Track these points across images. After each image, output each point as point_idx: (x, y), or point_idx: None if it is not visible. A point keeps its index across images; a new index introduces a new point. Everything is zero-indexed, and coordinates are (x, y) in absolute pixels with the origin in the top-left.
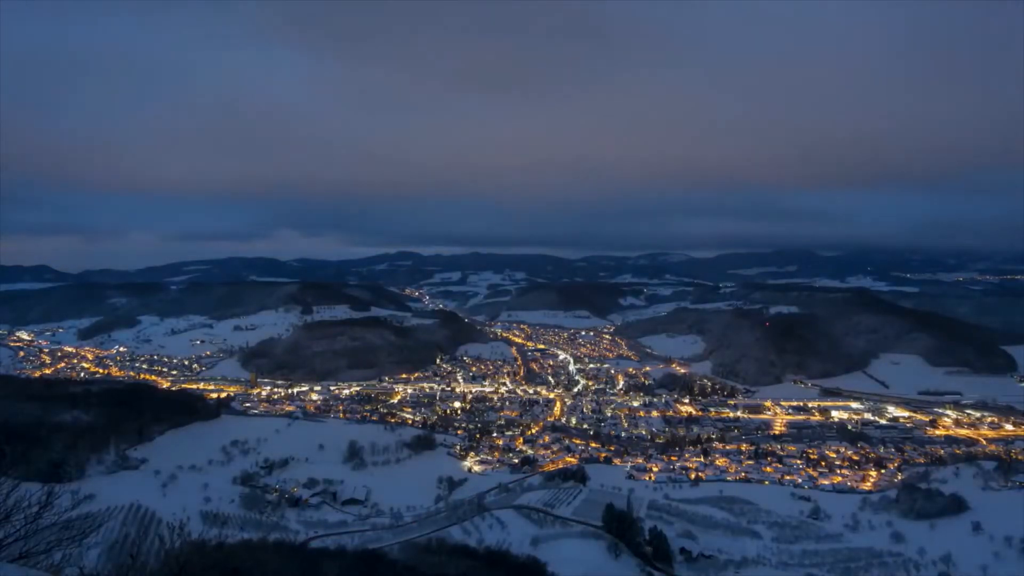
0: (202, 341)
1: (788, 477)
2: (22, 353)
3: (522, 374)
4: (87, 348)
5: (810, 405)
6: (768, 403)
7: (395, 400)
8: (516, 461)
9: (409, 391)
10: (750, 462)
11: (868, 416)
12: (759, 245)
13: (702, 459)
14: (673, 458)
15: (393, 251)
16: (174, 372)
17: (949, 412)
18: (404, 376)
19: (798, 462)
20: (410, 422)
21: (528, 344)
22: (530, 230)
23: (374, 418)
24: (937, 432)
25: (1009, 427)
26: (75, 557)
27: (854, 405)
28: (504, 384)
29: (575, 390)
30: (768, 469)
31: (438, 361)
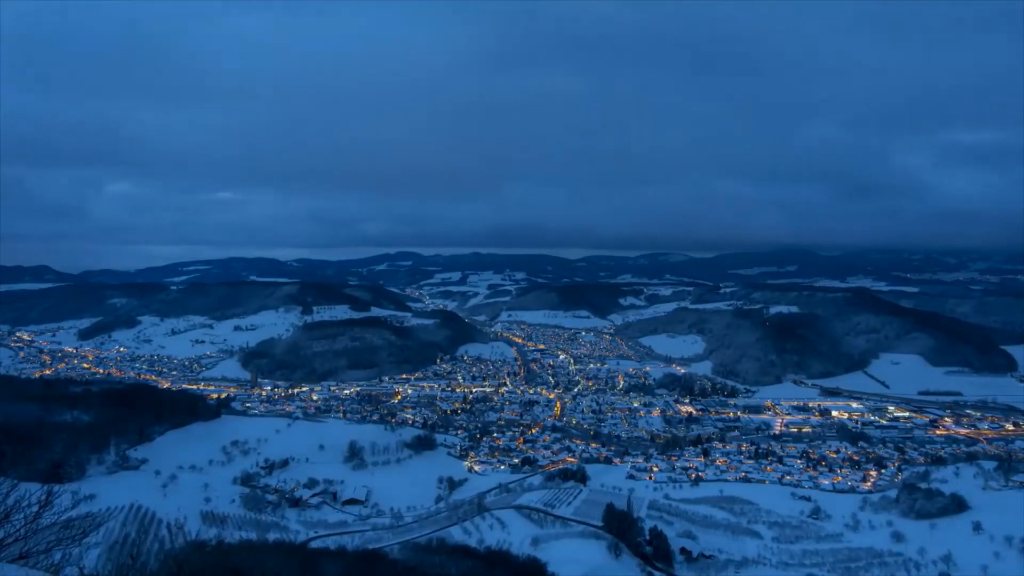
0: (202, 341)
1: (788, 477)
2: (22, 353)
3: (522, 374)
4: (87, 348)
5: (810, 405)
6: (768, 403)
7: (395, 400)
8: (516, 461)
9: (409, 391)
10: (750, 462)
11: (868, 416)
12: (759, 245)
13: (702, 459)
14: (673, 458)
15: (393, 251)
16: (174, 372)
17: (949, 412)
18: (404, 376)
19: (798, 462)
20: (410, 422)
21: (528, 344)
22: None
23: (374, 418)
24: (937, 432)
25: (1009, 427)
26: (75, 557)
27: (854, 405)
28: (504, 384)
29: (575, 390)
30: (768, 469)
31: (438, 361)
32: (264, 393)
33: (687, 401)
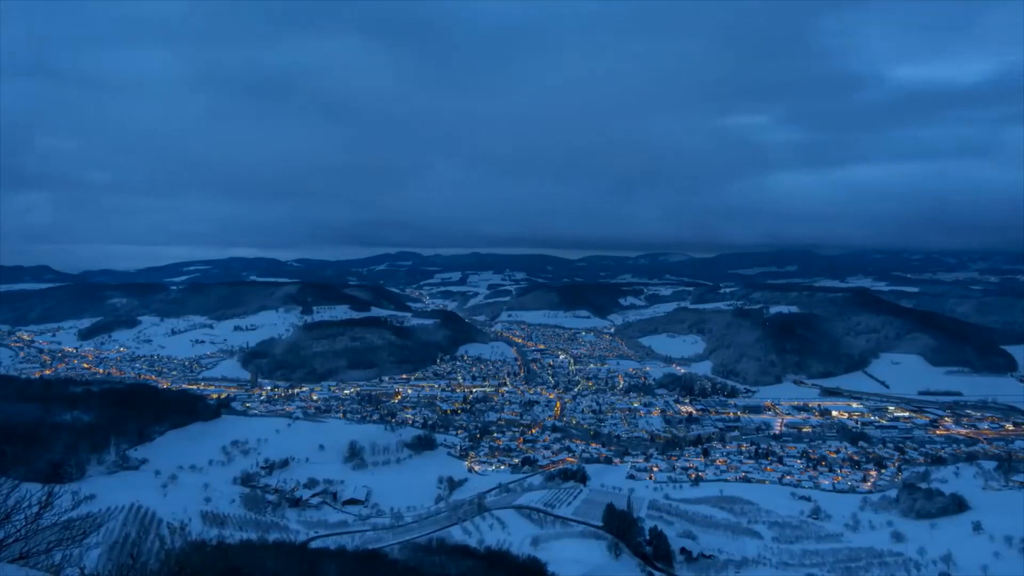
0: (202, 341)
1: (788, 477)
2: (22, 353)
3: (522, 374)
4: (87, 348)
5: (810, 405)
6: (768, 403)
7: (395, 400)
8: (516, 461)
9: (409, 391)
10: (750, 462)
11: (868, 416)
12: (759, 245)
13: (702, 459)
14: (673, 458)
15: (393, 251)
16: (174, 372)
17: (949, 412)
18: (404, 376)
19: (798, 462)
20: (410, 422)
21: (528, 344)
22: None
23: (374, 418)
24: (937, 432)
25: (1009, 427)
26: (75, 557)
27: (854, 405)
28: (504, 384)
29: (575, 390)
30: (768, 469)
31: (438, 361)
32: (264, 393)
33: (687, 401)
